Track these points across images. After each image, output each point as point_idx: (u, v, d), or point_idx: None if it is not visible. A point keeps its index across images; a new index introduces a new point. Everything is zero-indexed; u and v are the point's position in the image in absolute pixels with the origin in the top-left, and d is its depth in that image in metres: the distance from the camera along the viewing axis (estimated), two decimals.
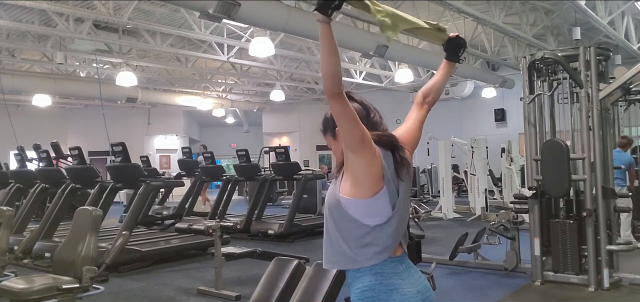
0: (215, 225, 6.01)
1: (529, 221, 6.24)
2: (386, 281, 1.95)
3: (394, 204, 1.94)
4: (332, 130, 2.07)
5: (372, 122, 2.03)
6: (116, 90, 15.28)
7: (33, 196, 9.00)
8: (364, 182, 1.91)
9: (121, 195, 13.87)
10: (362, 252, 1.95)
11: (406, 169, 1.99)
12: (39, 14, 10.22)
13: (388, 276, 1.95)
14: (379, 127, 2.05)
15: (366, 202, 1.92)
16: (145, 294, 6.20)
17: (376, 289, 1.94)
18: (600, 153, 5.86)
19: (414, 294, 1.96)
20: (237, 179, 11.13)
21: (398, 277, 1.96)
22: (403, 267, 1.99)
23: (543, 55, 6.00)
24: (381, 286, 1.94)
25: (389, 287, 1.94)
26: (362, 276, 1.96)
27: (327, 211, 2.03)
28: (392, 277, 1.95)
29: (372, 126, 2.02)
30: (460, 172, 15.71)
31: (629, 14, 11.33)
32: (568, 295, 5.65)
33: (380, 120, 2.07)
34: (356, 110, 1.97)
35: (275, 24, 8.65)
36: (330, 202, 2.01)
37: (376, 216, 1.93)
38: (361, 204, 1.92)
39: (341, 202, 1.95)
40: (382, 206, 1.93)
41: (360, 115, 1.98)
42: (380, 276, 1.95)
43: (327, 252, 2.05)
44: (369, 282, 1.95)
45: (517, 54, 12.79)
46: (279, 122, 22.57)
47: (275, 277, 4.43)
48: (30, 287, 4.32)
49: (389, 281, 1.95)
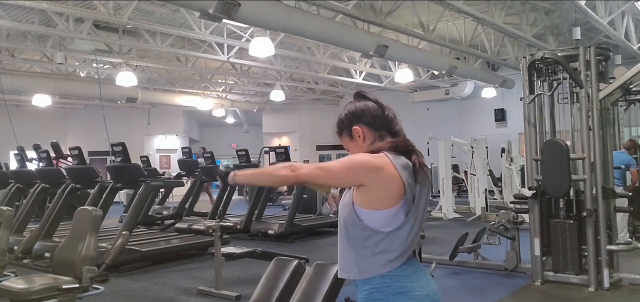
0: (215, 225, 6.01)
1: (529, 221, 6.24)
2: (395, 283, 1.92)
3: (408, 209, 1.92)
4: (348, 130, 2.06)
5: (387, 119, 2.04)
6: (116, 90, 15.27)
7: (33, 196, 9.00)
8: (383, 197, 1.89)
9: (121, 195, 13.86)
10: (376, 259, 1.92)
11: (424, 173, 1.96)
12: (39, 14, 10.22)
13: (397, 279, 1.93)
14: (393, 124, 2.05)
15: (385, 212, 1.90)
16: (145, 294, 6.19)
17: (384, 292, 1.92)
18: (600, 153, 5.86)
19: (422, 298, 1.93)
20: None
21: (407, 281, 1.93)
22: (412, 270, 1.97)
23: (543, 55, 6.00)
24: (389, 289, 1.92)
25: (397, 290, 1.92)
26: (371, 278, 1.94)
27: (342, 221, 2.00)
28: (401, 280, 1.93)
29: (387, 123, 2.03)
30: (460, 172, 15.71)
31: (629, 14, 11.32)
32: (568, 295, 5.65)
33: (395, 117, 2.07)
34: (371, 109, 2.02)
35: (275, 24, 8.64)
36: (345, 213, 1.98)
37: (392, 224, 1.91)
38: (379, 214, 1.90)
39: (357, 213, 1.93)
40: (399, 212, 1.91)
41: (375, 114, 2.02)
42: (389, 279, 1.93)
43: (342, 261, 2.03)
44: (378, 285, 1.93)
45: (517, 54, 12.79)
46: (279, 122, 22.57)
47: (275, 277, 4.43)
48: (30, 287, 4.32)
49: (398, 283, 1.92)
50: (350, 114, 2.06)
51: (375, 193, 1.89)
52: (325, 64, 14.95)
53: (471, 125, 17.67)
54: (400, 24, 10.68)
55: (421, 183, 1.96)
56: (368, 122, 2.03)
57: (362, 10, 9.51)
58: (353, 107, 2.07)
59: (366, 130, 2.03)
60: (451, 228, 10.62)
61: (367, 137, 2.03)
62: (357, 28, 10.53)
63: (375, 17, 9.71)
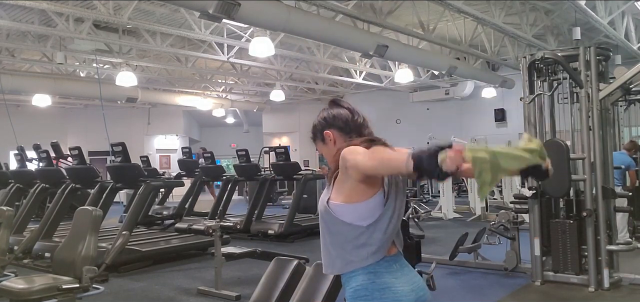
0: (215, 225, 6.01)
1: (529, 221, 6.24)
2: (379, 279, 1.96)
3: (385, 201, 1.97)
4: (321, 134, 2.14)
5: (357, 124, 2.12)
6: (116, 90, 15.26)
7: (33, 196, 9.00)
8: (360, 191, 1.95)
9: (121, 195, 13.87)
10: (357, 253, 1.97)
11: None
12: (39, 14, 10.21)
13: (381, 275, 1.97)
14: (363, 129, 2.12)
15: (361, 205, 1.95)
16: (145, 294, 6.20)
17: (369, 288, 1.96)
18: (600, 153, 5.86)
19: (407, 293, 1.97)
20: (237, 179, 11.14)
21: (391, 276, 1.97)
22: (397, 266, 2.01)
23: (543, 55, 6.00)
24: (374, 285, 1.96)
25: (382, 286, 1.96)
26: (356, 275, 1.99)
27: (321, 219, 2.07)
28: (385, 276, 1.97)
29: (358, 127, 2.11)
30: None
31: (629, 14, 11.32)
32: (568, 295, 5.65)
33: (365, 122, 2.14)
34: (342, 115, 2.11)
35: (275, 24, 8.64)
36: (322, 210, 2.05)
37: (370, 217, 1.96)
38: (356, 207, 1.96)
39: (333, 209, 1.99)
40: (376, 205, 1.96)
41: (346, 119, 2.10)
42: (373, 275, 1.97)
43: (325, 258, 2.09)
44: (363, 281, 1.97)
45: (517, 54, 12.78)
46: (279, 122, 22.56)
47: (275, 277, 4.42)
48: (30, 287, 4.33)
49: (382, 279, 1.96)
50: (322, 120, 2.16)
51: (355, 184, 1.93)
52: (325, 64, 14.95)
53: (471, 125, 17.65)
54: (400, 24, 10.68)
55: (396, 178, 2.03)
56: (339, 127, 2.11)
57: (362, 10, 9.51)
58: (325, 114, 2.17)
59: (337, 134, 2.11)
60: (451, 228, 10.63)
61: (338, 141, 2.10)
62: (357, 28, 10.53)
63: (375, 17, 9.70)
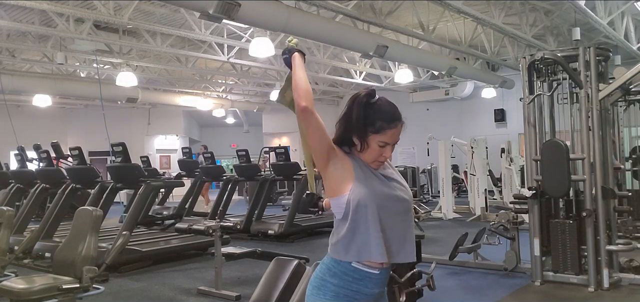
0: (215, 225, 6.01)
1: (528, 221, 6.24)
2: (331, 270, 2.07)
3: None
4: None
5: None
6: (116, 90, 15.27)
7: (33, 196, 9.00)
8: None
9: (121, 195, 13.87)
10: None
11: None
12: (39, 14, 10.22)
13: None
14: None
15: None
16: (145, 294, 6.20)
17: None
18: (599, 153, 5.87)
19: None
20: (237, 179, 11.14)
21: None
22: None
23: (543, 56, 6.00)
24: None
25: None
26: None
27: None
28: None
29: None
30: (460, 173, 15.70)
31: (629, 14, 11.33)
32: (568, 295, 5.65)
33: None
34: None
35: (275, 24, 8.64)
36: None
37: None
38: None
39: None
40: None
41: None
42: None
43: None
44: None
45: (517, 54, 12.79)
46: (279, 122, 22.53)
47: (275, 277, 4.42)
48: (31, 287, 4.33)
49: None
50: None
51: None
52: (325, 64, 14.95)
53: (471, 126, 17.67)
54: (400, 25, 10.69)
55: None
56: None
57: (362, 10, 9.52)
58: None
59: None
60: (451, 228, 10.63)
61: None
62: (357, 28, 10.54)
63: (375, 18, 9.71)
